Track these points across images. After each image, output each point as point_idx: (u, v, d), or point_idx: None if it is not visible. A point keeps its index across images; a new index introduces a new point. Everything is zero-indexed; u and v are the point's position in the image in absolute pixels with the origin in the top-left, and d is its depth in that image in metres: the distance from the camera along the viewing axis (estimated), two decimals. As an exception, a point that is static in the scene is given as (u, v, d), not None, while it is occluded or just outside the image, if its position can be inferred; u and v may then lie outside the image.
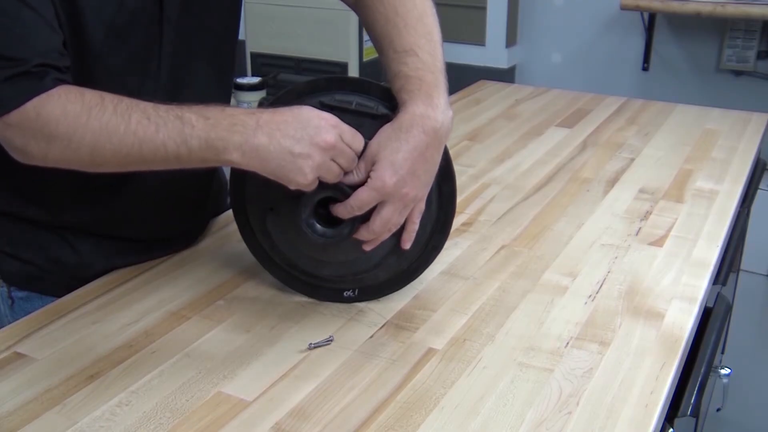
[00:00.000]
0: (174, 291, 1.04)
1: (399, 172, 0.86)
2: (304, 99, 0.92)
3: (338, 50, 2.70)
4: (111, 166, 0.86)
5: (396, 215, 0.89)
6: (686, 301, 1.01)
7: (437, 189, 0.95)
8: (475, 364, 0.89)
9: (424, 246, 0.99)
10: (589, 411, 0.81)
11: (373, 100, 0.92)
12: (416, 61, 0.91)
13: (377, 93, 0.93)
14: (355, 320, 0.98)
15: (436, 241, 1.00)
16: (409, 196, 0.88)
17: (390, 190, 0.86)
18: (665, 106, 1.84)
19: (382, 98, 0.93)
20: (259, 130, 0.83)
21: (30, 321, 0.97)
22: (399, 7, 0.96)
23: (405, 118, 0.88)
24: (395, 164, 0.86)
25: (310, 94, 0.93)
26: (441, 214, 0.98)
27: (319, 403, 0.82)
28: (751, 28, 2.69)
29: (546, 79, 3.06)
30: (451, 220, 0.99)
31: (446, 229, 0.99)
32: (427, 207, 0.94)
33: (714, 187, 1.37)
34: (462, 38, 3.06)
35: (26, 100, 0.82)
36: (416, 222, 0.93)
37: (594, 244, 1.17)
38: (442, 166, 0.93)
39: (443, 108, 0.89)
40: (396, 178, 0.86)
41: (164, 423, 0.79)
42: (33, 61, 0.82)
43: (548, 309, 1.00)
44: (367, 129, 0.89)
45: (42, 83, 0.83)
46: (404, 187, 0.87)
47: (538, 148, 1.56)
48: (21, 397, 0.83)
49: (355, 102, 0.91)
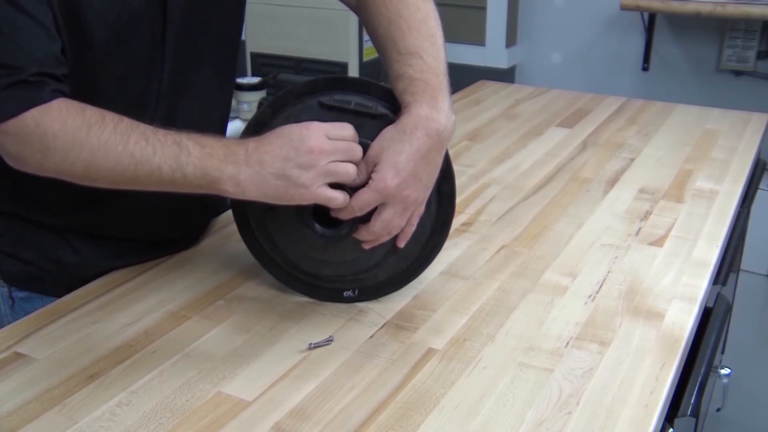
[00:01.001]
0: (174, 291, 1.04)
1: (401, 174, 0.86)
2: (304, 99, 0.92)
3: (338, 50, 2.70)
4: (104, 182, 0.86)
5: (396, 217, 0.88)
6: (686, 301, 1.01)
7: (437, 189, 0.95)
8: (475, 364, 0.89)
9: (423, 246, 0.99)
10: (589, 411, 0.81)
11: (372, 100, 0.92)
12: (421, 63, 0.91)
13: (377, 93, 0.93)
14: (355, 320, 0.98)
15: (436, 240, 1.00)
16: (410, 199, 0.88)
17: (391, 192, 0.86)
18: (665, 106, 1.84)
19: (381, 98, 0.92)
20: (249, 158, 0.84)
21: (30, 321, 0.97)
22: (402, 10, 0.95)
23: (409, 120, 0.87)
24: (397, 166, 0.86)
25: (309, 95, 0.93)
26: (441, 214, 0.98)
27: (319, 403, 0.82)
28: (751, 28, 2.69)
29: (546, 79, 3.07)
30: (450, 220, 0.99)
31: (446, 229, 0.99)
32: (426, 207, 0.94)
33: (714, 187, 1.37)
34: (462, 38, 3.06)
35: (24, 110, 0.82)
36: (414, 224, 0.93)
37: (594, 244, 1.17)
38: (442, 167, 0.93)
39: (447, 111, 0.88)
40: (398, 180, 0.86)
41: (164, 423, 0.79)
42: (30, 70, 0.82)
43: (548, 309, 1.00)
44: (367, 129, 0.89)
45: (40, 94, 0.83)
46: (406, 189, 0.86)
47: (538, 148, 1.56)
48: (21, 397, 0.83)
49: (354, 102, 0.91)
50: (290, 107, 0.93)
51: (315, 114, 0.91)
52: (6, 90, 0.81)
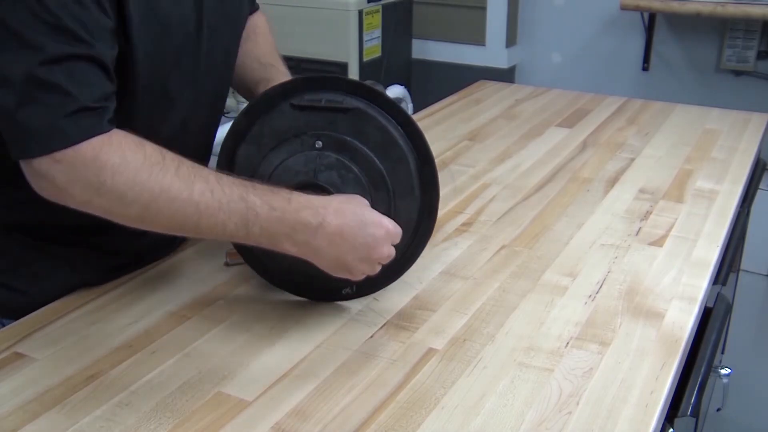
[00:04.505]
0: (174, 291, 1.04)
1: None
2: (276, 104, 0.95)
3: (338, 50, 2.70)
4: (159, 228, 0.83)
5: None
6: (686, 301, 1.01)
7: (418, 174, 0.96)
8: (475, 364, 0.89)
9: (413, 233, 0.99)
10: (589, 411, 0.81)
11: (342, 95, 0.94)
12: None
13: (345, 88, 0.95)
14: (355, 320, 0.98)
15: (425, 227, 1.00)
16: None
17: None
18: (665, 106, 1.84)
19: (350, 92, 0.94)
20: (321, 231, 0.85)
21: (30, 321, 0.97)
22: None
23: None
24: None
25: (281, 99, 0.95)
26: (426, 199, 0.98)
27: (319, 403, 0.82)
28: (751, 28, 2.69)
29: (546, 79, 3.06)
30: (436, 204, 0.99)
31: (433, 214, 1.00)
32: (410, 193, 0.96)
33: (714, 187, 1.37)
34: (462, 38, 3.06)
35: (85, 138, 0.78)
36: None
37: (594, 244, 1.17)
38: (421, 151, 0.96)
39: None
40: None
41: (164, 423, 0.79)
42: (92, 99, 0.79)
43: (548, 309, 1.00)
44: (341, 123, 0.93)
45: (101, 123, 0.79)
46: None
47: (538, 148, 1.56)
48: (21, 397, 0.83)
49: (324, 99, 0.94)
50: (264, 114, 0.95)
51: (288, 117, 0.94)
52: (68, 117, 0.77)
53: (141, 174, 0.79)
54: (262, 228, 0.83)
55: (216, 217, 0.82)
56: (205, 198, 0.81)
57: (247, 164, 0.95)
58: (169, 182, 0.80)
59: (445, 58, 3.11)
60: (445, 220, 1.24)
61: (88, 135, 0.78)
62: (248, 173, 0.93)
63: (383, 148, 0.94)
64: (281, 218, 0.84)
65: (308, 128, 0.93)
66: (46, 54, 0.77)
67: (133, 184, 0.79)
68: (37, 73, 0.76)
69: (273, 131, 0.95)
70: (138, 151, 0.80)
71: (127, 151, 0.80)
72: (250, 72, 1.12)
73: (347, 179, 0.92)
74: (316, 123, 0.93)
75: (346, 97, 0.94)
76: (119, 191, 0.79)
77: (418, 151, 0.96)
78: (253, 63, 1.12)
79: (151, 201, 0.80)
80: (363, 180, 0.93)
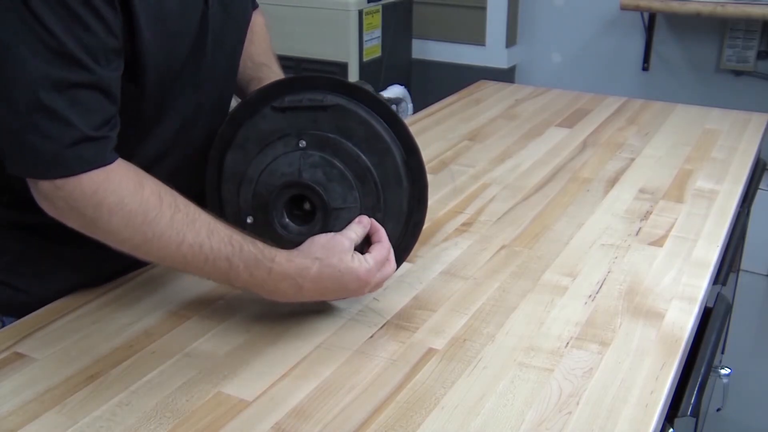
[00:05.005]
0: (174, 291, 1.04)
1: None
2: (257, 109, 0.96)
3: (338, 50, 2.70)
4: (151, 260, 0.90)
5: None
6: (686, 301, 1.01)
7: (404, 165, 0.97)
8: (475, 364, 0.89)
9: (405, 225, 0.99)
10: (589, 411, 0.81)
11: (322, 93, 0.95)
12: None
13: (325, 86, 0.96)
14: (355, 320, 0.98)
15: (417, 217, 1.00)
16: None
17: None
18: (665, 106, 1.84)
19: (330, 90, 0.95)
20: (301, 296, 0.90)
21: (30, 321, 0.97)
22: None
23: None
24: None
25: (262, 103, 0.96)
26: (415, 190, 0.99)
27: (319, 403, 0.82)
28: (751, 28, 2.69)
29: (546, 79, 3.07)
30: (425, 193, 1.00)
31: (423, 203, 1.00)
32: (398, 184, 0.96)
33: (714, 187, 1.37)
34: (462, 38, 3.06)
35: (87, 169, 0.80)
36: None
37: (594, 244, 1.17)
38: (405, 141, 0.96)
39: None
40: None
41: (164, 423, 0.79)
42: (93, 128, 0.81)
43: (548, 309, 1.00)
44: (323, 121, 0.94)
45: (104, 154, 0.81)
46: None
47: (538, 148, 1.56)
48: (21, 397, 0.83)
49: (305, 99, 0.95)
50: (247, 119, 0.96)
51: (271, 120, 0.95)
52: (70, 148, 0.79)
53: (136, 218, 0.83)
54: (244, 286, 0.90)
55: (201, 269, 0.88)
56: (193, 251, 0.86)
57: (235, 170, 0.97)
58: (161, 231, 0.84)
59: (445, 58, 3.11)
60: (445, 220, 1.24)
61: (90, 167, 0.80)
62: (237, 178, 0.97)
63: (367, 141, 0.95)
64: (261, 286, 0.89)
65: (291, 129, 0.95)
66: (49, 81, 0.78)
67: (126, 227, 0.83)
68: (40, 99, 0.77)
69: (257, 136, 0.96)
70: (136, 193, 0.83)
71: (125, 191, 0.82)
72: (243, 70, 1.13)
73: (332, 176, 0.93)
74: (298, 123, 0.95)
75: (327, 94, 0.95)
76: (113, 229, 0.83)
77: (402, 142, 0.96)
78: (247, 62, 1.13)
79: (143, 243, 0.84)
80: (348, 175, 0.94)
